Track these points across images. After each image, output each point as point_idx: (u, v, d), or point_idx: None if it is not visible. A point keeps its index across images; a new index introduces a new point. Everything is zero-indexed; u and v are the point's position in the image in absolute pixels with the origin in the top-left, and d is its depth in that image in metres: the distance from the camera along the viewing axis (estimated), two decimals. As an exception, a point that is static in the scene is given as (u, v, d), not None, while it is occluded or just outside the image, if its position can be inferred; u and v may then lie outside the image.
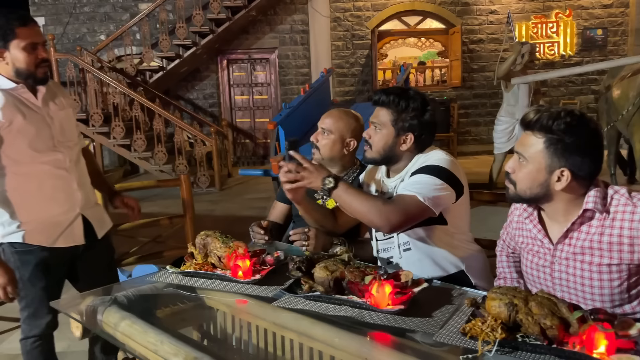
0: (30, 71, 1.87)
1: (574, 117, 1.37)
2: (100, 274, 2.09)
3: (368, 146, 1.81)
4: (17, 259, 1.93)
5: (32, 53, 1.86)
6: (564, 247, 1.45)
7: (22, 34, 1.83)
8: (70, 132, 2.04)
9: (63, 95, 2.07)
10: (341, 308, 1.43)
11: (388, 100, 1.77)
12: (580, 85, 9.97)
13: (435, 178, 1.67)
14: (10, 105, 1.85)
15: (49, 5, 9.63)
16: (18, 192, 1.90)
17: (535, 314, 1.15)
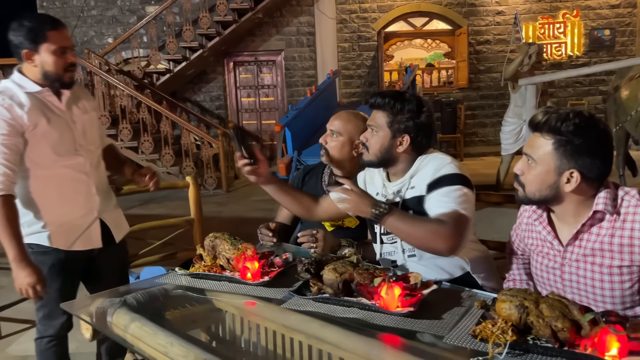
0: (58, 75, 1.88)
1: (583, 118, 1.36)
2: (114, 277, 2.10)
3: (365, 149, 1.82)
4: (34, 259, 1.93)
5: (61, 57, 1.87)
6: (574, 249, 1.44)
7: (52, 38, 1.84)
8: (92, 136, 2.05)
9: (86, 99, 2.08)
10: (350, 310, 1.43)
11: (383, 102, 1.78)
12: (588, 86, 9.92)
13: (461, 187, 1.66)
14: (35, 109, 1.86)
15: (57, 8, 9.69)
16: (39, 194, 1.92)
17: (546, 316, 1.14)
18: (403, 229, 1.61)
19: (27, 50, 1.84)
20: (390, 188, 1.83)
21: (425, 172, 1.76)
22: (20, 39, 1.84)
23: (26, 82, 1.89)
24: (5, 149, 1.80)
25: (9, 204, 1.80)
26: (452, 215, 1.60)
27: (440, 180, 1.68)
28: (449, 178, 1.68)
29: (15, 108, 1.83)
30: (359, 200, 1.60)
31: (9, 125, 1.81)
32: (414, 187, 1.77)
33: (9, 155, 1.80)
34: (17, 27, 1.84)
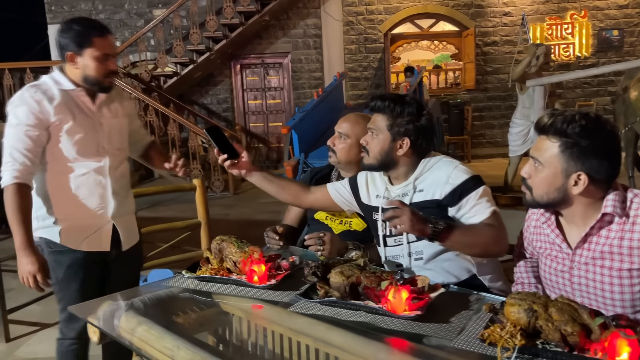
0: (98, 80, 1.92)
1: (589, 120, 1.35)
2: (127, 282, 2.07)
3: (365, 152, 1.83)
4: (53, 259, 1.97)
5: (103, 63, 1.91)
6: (583, 251, 1.43)
7: (98, 44, 1.89)
8: (119, 140, 2.06)
9: (121, 104, 2.10)
10: (357, 313, 1.42)
11: (383, 105, 1.79)
12: (596, 87, 9.86)
13: (481, 187, 1.72)
14: (64, 106, 1.90)
15: (65, 12, 9.76)
16: (55, 190, 1.94)
17: (555, 320, 1.13)
18: (463, 241, 1.62)
19: (72, 53, 1.89)
20: (394, 191, 1.83)
21: (435, 177, 1.76)
22: (67, 41, 1.88)
23: (63, 80, 1.93)
24: (29, 140, 1.84)
25: (22, 192, 1.83)
26: (494, 217, 1.68)
27: (461, 189, 1.71)
28: (467, 184, 1.71)
29: (45, 102, 1.87)
30: (414, 219, 1.53)
31: (36, 117, 1.85)
32: (422, 191, 1.77)
33: (31, 147, 1.85)
34: (66, 29, 1.89)
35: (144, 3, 9.78)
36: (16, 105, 1.87)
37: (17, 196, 1.82)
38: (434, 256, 1.79)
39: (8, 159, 1.84)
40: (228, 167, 1.97)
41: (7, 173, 1.82)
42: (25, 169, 1.84)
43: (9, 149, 1.84)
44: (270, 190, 2.03)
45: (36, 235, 1.96)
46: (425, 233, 1.55)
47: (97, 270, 2.05)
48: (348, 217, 2.11)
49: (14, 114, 1.87)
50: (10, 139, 1.86)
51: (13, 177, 1.82)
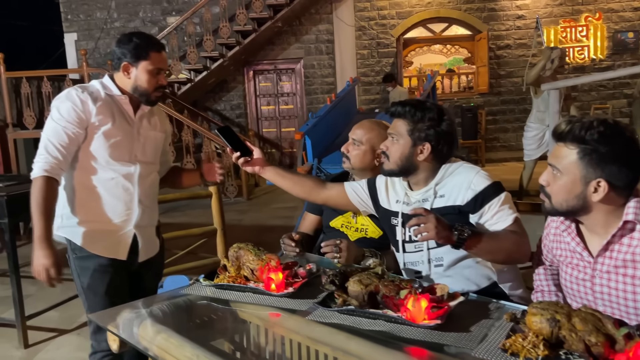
0: (147, 92, 1.98)
1: (607, 126, 1.34)
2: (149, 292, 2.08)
3: (385, 157, 1.83)
4: (78, 265, 1.98)
5: (155, 77, 1.97)
6: (604, 260, 1.41)
7: (153, 58, 1.96)
8: (153, 152, 2.10)
9: (160, 118, 2.16)
10: (376, 322, 1.41)
11: (404, 111, 1.79)
12: (612, 90, 9.76)
13: (502, 193, 1.72)
14: (106, 108, 1.95)
15: (82, 21, 9.90)
16: (82, 191, 1.97)
17: (579, 330, 1.11)
18: (488, 248, 1.61)
19: (127, 63, 1.95)
20: (414, 197, 1.82)
21: (456, 182, 1.76)
22: (125, 51, 1.95)
23: (111, 85, 1.99)
24: (65, 137, 1.88)
25: (49, 185, 1.85)
26: (517, 224, 1.68)
27: (483, 195, 1.71)
28: (489, 190, 1.71)
29: (89, 102, 1.91)
30: (440, 227, 1.51)
31: (77, 116, 1.89)
32: (443, 196, 1.77)
33: (67, 144, 1.88)
34: (126, 41, 1.96)
35: (158, 11, 9.88)
36: (61, 101, 1.91)
37: (43, 189, 1.83)
38: (455, 263, 1.78)
39: (42, 152, 1.87)
40: (242, 164, 2.01)
41: (39, 165, 1.85)
42: (56, 164, 1.86)
43: (44, 142, 1.88)
44: (284, 185, 2.05)
45: (59, 234, 1.99)
46: (451, 241, 1.54)
47: (123, 278, 2.04)
48: (364, 224, 2.11)
49: (57, 108, 1.90)
50: (48, 132, 1.89)
51: (43, 169, 1.84)
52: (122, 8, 9.89)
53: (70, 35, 9.94)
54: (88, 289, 1.98)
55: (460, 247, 1.55)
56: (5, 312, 3.59)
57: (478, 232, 1.59)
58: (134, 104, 2.02)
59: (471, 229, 1.56)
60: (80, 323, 3.44)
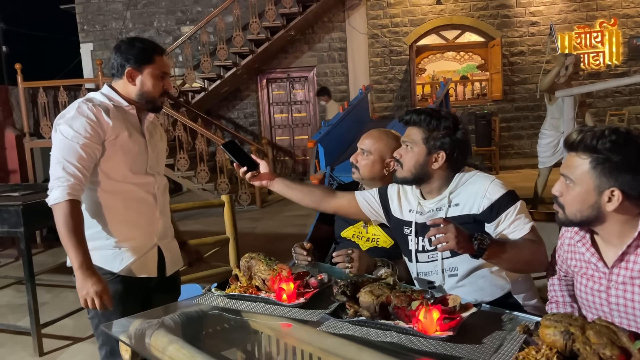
0: (154, 97, 1.93)
1: (619, 134, 1.32)
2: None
3: (399, 165, 1.82)
4: None
5: (161, 82, 1.93)
6: (620, 270, 1.38)
7: (158, 62, 1.91)
8: (162, 163, 2.08)
9: (160, 130, 2.12)
10: (388, 333, 1.41)
11: (419, 119, 1.79)
12: (628, 96, 9.65)
13: (518, 202, 1.72)
14: (120, 120, 1.88)
15: (97, 31, 10.05)
16: (104, 210, 1.88)
17: (593, 344, 1.10)
18: (507, 257, 1.60)
19: (131, 69, 1.89)
20: (427, 205, 1.81)
21: (471, 191, 1.75)
22: (128, 56, 1.89)
23: (115, 96, 1.92)
24: (83, 154, 1.78)
25: (75, 210, 1.75)
26: (533, 233, 1.68)
27: (499, 204, 1.70)
28: (505, 199, 1.71)
29: (103, 115, 1.84)
30: (460, 236, 1.49)
31: (93, 129, 1.80)
32: (457, 205, 1.76)
33: (85, 162, 1.79)
34: (128, 46, 1.90)
35: (172, 20, 9.99)
36: (72, 118, 1.81)
37: (71, 215, 1.73)
38: (469, 273, 1.76)
39: (60, 174, 1.75)
40: (249, 179, 2.00)
41: (60, 189, 1.74)
42: (78, 185, 1.76)
43: (60, 163, 1.76)
44: (293, 197, 2.04)
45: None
46: (471, 250, 1.53)
47: (139, 300, 1.95)
48: (375, 234, 2.10)
49: (69, 126, 1.79)
50: (62, 152, 1.78)
51: (67, 193, 1.73)
52: (137, 18, 10.02)
53: (86, 46, 10.09)
54: (102, 315, 1.85)
55: (480, 257, 1.54)
56: (21, 319, 3.63)
57: (497, 241, 1.59)
58: (139, 114, 1.97)
59: (490, 239, 1.55)
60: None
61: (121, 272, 1.90)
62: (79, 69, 10.35)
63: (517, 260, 1.63)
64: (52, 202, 1.75)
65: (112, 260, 1.89)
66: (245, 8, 8.77)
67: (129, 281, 1.91)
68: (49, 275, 4.69)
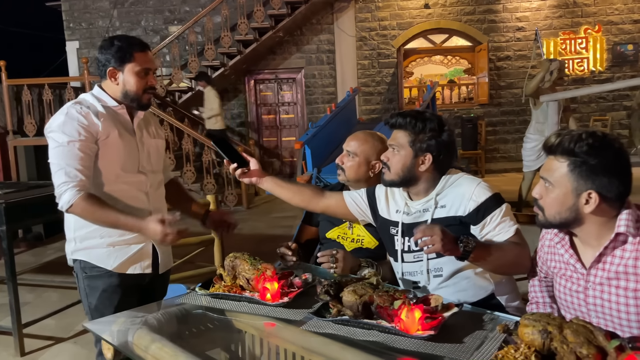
0: (137, 95, 1.92)
1: (596, 138, 1.35)
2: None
3: (386, 168, 1.83)
4: (87, 285, 1.92)
5: (144, 78, 1.91)
6: (597, 272, 1.41)
7: (138, 59, 1.89)
8: (156, 161, 2.07)
9: (156, 126, 2.11)
10: (370, 333, 1.42)
11: (405, 122, 1.80)
12: (611, 101, 9.78)
13: (503, 204, 1.74)
14: (109, 120, 1.89)
15: (83, 29, 9.96)
16: None
17: (570, 342, 1.12)
18: (492, 259, 1.62)
19: (113, 68, 1.89)
20: (414, 206, 1.83)
21: (458, 193, 1.77)
22: (108, 56, 1.89)
23: (105, 97, 1.93)
24: (83, 155, 1.80)
25: (91, 199, 1.77)
26: (519, 235, 1.71)
27: (485, 207, 1.72)
28: (489, 202, 1.73)
29: (92, 116, 1.85)
30: (445, 239, 1.52)
31: (86, 131, 1.82)
32: (444, 207, 1.78)
33: (85, 161, 1.81)
34: (107, 46, 1.89)
35: (160, 20, 9.94)
36: (63, 123, 1.82)
37: (93, 203, 1.76)
38: (454, 273, 1.78)
39: (64, 179, 1.77)
40: (239, 176, 1.99)
41: (68, 192, 1.76)
42: (83, 185, 1.78)
43: (62, 169, 1.78)
44: (283, 195, 2.05)
45: (75, 258, 1.92)
46: (457, 253, 1.55)
47: (133, 296, 1.96)
48: (360, 235, 2.11)
49: (62, 132, 1.80)
50: (61, 158, 1.79)
51: (76, 191, 1.76)
52: (124, 17, 9.95)
53: (72, 44, 10.00)
54: (95, 310, 1.91)
55: (466, 259, 1.56)
56: (2, 319, 3.59)
57: (482, 243, 1.61)
58: (129, 113, 1.97)
59: (476, 241, 1.57)
60: (77, 331, 3.43)
61: (115, 270, 1.91)
62: (65, 67, 10.25)
63: (502, 263, 1.66)
64: (65, 206, 1.77)
65: (106, 258, 1.91)
66: (234, 8, 8.76)
67: (123, 277, 1.93)
68: (32, 275, 4.64)
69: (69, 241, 1.94)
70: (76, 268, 1.95)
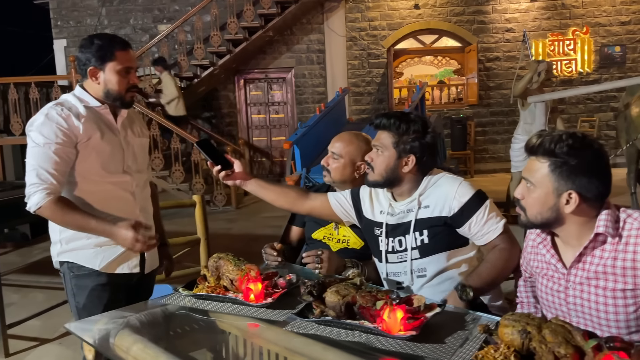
0: (120, 94, 1.89)
1: (576, 139, 1.37)
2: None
3: (370, 169, 1.84)
4: (74, 284, 1.90)
5: (125, 77, 1.88)
6: (577, 271, 1.43)
7: (120, 58, 1.86)
8: (142, 160, 2.05)
9: (140, 124, 2.09)
10: (353, 333, 1.42)
11: (389, 123, 1.81)
12: (599, 103, 9.87)
13: (487, 201, 1.78)
14: (91, 122, 1.86)
15: (71, 27, 9.88)
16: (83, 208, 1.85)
17: (549, 342, 1.13)
18: (490, 283, 1.71)
19: (93, 68, 1.86)
20: (398, 207, 1.84)
21: (441, 193, 1.78)
22: (89, 55, 1.86)
23: (87, 97, 1.90)
24: (58, 159, 1.77)
25: (60, 203, 1.76)
26: (507, 231, 1.76)
27: (469, 206, 1.75)
28: (473, 201, 1.76)
29: (73, 118, 1.82)
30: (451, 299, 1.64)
31: (65, 134, 1.79)
32: (427, 207, 1.79)
33: (60, 166, 1.78)
34: (87, 45, 1.86)
35: (149, 18, 9.89)
36: (42, 123, 1.79)
37: (60, 208, 1.75)
38: (437, 274, 1.80)
39: (34, 180, 1.75)
40: (223, 178, 1.97)
41: (37, 194, 1.74)
42: (53, 189, 1.76)
43: (35, 170, 1.76)
44: (267, 197, 2.04)
45: (60, 260, 1.90)
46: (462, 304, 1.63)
47: (121, 296, 1.94)
48: (345, 236, 2.12)
49: (39, 132, 1.78)
50: (35, 159, 1.77)
51: (45, 194, 1.74)
52: (112, 15, 9.88)
53: (59, 42, 9.92)
54: (83, 309, 1.88)
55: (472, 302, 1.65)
56: (-13, 320, 3.55)
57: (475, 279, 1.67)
58: (113, 113, 1.95)
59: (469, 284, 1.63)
60: (62, 332, 3.40)
61: (103, 270, 1.90)
62: (52, 65, 10.16)
63: (497, 277, 1.73)
64: (34, 208, 1.76)
65: (93, 258, 1.90)
66: (224, 8, 8.73)
67: (112, 276, 1.92)
68: (17, 275, 4.59)
69: (55, 243, 1.92)
70: (63, 269, 1.93)
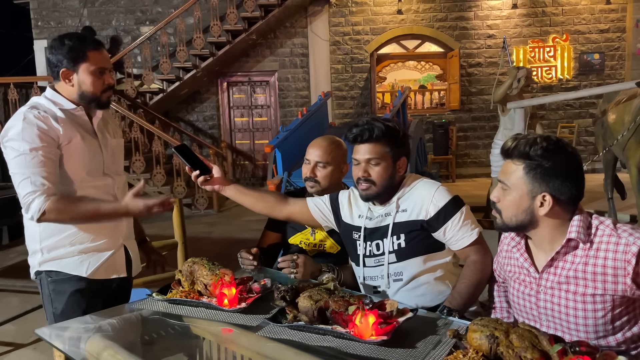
0: (95, 95, 1.84)
1: (550, 142, 1.40)
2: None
3: (369, 183, 1.80)
4: (52, 289, 1.84)
5: (100, 78, 1.83)
6: (549, 276, 1.45)
7: (93, 58, 1.81)
8: (120, 162, 2.01)
9: (114, 125, 2.04)
10: (325, 338, 1.42)
11: (382, 133, 1.78)
12: (578, 109, 10.02)
13: (462, 207, 1.79)
14: (70, 124, 1.81)
15: (52, 28, 9.76)
16: None
17: (516, 347, 1.14)
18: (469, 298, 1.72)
19: (66, 69, 1.80)
20: (377, 211, 1.86)
21: (418, 196, 1.81)
22: (60, 57, 1.79)
23: (60, 99, 1.84)
24: (47, 161, 1.72)
25: (62, 201, 1.72)
26: (480, 241, 1.78)
27: (445, 211, 1.76)
28: (449, 206, 1.77)
29: (51, 120, 1.76)
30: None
31: (47, 136, 1.74)
32: (405, 211, 1.81)
33: (50, 167, 1.73)
34: (58, 46, 1.80)
35: (132, 20, 9.81)
36: (22, 130, 1.72)
37: (67, 204, 1.72)
38: (413, 278, 1.80)
39: (29, 189, 1.69)
40: (201, 183, 1.95)
41: (37, 201, 1.68)
42: (50, 191, 1.71)
43: (27, 178, 1.69)
44: (246, 203, 2.02)
45: (41, 269, 1.84)
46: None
47: (100, 300, 1.87)
48: (322, 241, 2.12)
49: (22, 139, 1.71)
50: (24, 167, 1.70)
51: (44, 198, 1.68)
52: (94, 16, 9.78)
53: (40, 42, 9.78)
54: (61, 315, 1.82)
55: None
56: (-41, 325, 3.49)
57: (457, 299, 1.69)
58: (88, 115, 1.90)
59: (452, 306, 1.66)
60: (36, 338, 3.34)
61: (90, 276, 1.85)
62: (32, 66, 10.02)
63: (477, 292, 1.75)
64: (36, 215, 1.70)
65: (78, 265, 1.84)
66: (207, 10, 8.70)
67: (91, 281, 1.86)
68: (-7, 280, 4.52)
69: (34, 253, 1.85)
70: (42, 277, 1.86)
